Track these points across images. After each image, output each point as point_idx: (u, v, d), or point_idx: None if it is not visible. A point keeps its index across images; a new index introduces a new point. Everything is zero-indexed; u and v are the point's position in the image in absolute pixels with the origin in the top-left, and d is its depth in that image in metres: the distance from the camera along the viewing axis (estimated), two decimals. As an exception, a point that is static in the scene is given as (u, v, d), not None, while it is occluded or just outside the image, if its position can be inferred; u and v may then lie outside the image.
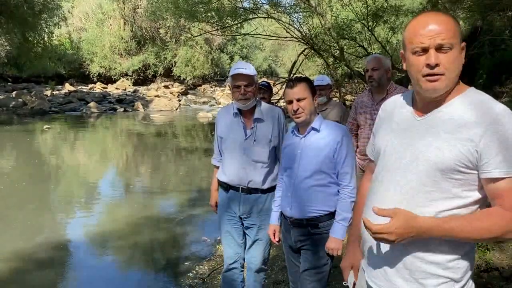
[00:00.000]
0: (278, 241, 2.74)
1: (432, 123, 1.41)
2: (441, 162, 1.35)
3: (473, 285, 1.46)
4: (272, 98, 4.71)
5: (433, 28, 1.34)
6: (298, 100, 2.43)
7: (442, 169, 1.35)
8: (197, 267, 4.67)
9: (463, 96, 1.40)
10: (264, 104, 2.96)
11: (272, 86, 4.71)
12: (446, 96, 1.41)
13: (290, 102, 2.45)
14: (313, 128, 2.47)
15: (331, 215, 2.44)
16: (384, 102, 1.72)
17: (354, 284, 1.79)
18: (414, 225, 1.33)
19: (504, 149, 1.27)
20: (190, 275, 4.48)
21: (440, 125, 1.38)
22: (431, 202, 1.37)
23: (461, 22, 11.94)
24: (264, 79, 9.79)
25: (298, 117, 2.45)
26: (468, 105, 1.36)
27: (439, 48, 1.34)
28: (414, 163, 1.41)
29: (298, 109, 2.42)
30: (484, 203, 1.41)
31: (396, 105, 1.61)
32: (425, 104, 1.46)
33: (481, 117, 1.31)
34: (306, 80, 2.51)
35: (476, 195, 1.37)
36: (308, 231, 2.48)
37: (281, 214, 2.64)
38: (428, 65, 1.34)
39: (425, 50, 1.36)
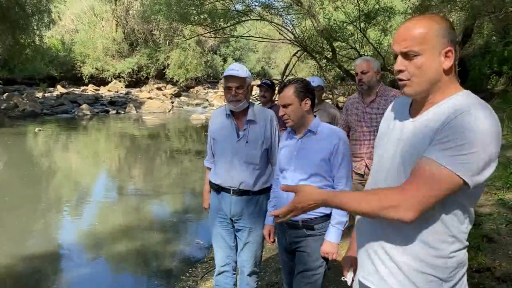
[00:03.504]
0: (273, 242, 2.74)
1: (419, 124, 1.44)
2: None
3: (467, 286, 1.47)
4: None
5: (400, 35, 1.40)
6: (284, 106, 2.44)
7: None
8: (190, 269, 4.66)
9: (449, 100, 1.41)
10: (257, 106, 2.97)
11: (274, 85, 4.66)
12: (436, 98, 1.42)
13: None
14: (309, 130, 2.47)
15: (327, 217, 2.44)
16: (391, 104, 1.74)
17: (353, 280, 1.81)
18: (311, 197, 1.49)
19: (445, 137, 1.29)
20: (183, 277, 4.48)
21: (423, 127, 1.41)
22: None
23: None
24: (258, 81, 9.79)
25: (286, 123, 2.48)
26: (447, 108, 1.37)
27: (405, 54, 1.38)
28: (402, 164, 1.44)
29: (284, 115, 2.45)
30: (469, 203, 1.41)
31: (397, 107, 1.65)
32: (417, 106, 1.49)
33: (448, 116, 1.32)
34: (296, 83, 2.47)
35: (457, 194, 1.35)
36: (303, 233, 2.48)
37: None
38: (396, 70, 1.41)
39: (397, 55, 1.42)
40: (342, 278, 1.86)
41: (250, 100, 2.94)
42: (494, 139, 1.27)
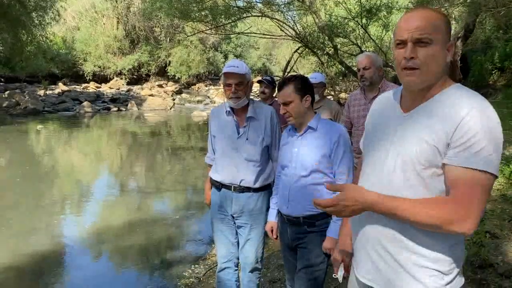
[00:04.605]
0: (276, 238, 2.74)
1: (415, 118, 1.43)
2: (421, 157, 1.37)
3: (463, 279, 1.48)
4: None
5: (412, 22, 1.37)
6: (285, 104, 2.43)
7: (423, 163, 1.37)
8: (193, 266, 4.67)
9: (445, 93, 1.42)
10: (257, 103, 2.96)
11: (275, 82, 4.64)
12: (431, 92, 1.43)
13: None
14: (310, 127, 2.47)
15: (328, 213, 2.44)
16: (377, 98, 1.74)
17: (344, 277, 1.81)
18: (358, 198, 1.41)
19: (470, 140, 1.29)
20: (186, 274, 4.48)
21: (422, 120, 1.41)
22: (416, 195, 1.39)
23: (454, 22, 12.02)
24: (258, 77, 9.75)
25: (288, 121, 2.48)
26: (448, 101, 1.38)
27: (417, 42, 1.36)
28: (398, 159, 1.43)
29: (285, 113, 2.44)
30: None
31: (385, 101, 1.64)
32: (411, 100, 1.48)
33: (458, 111, 1.33)
34: (295, 80, 2.48)
35: None
36: (304, 229, 2.48)
37: (279, 211, 2.65)
38: (404, 58, 1.37)
39: (404, 43, 1.38)
40: (333, 275, 1.86)
41: (251, 97, 2.93)
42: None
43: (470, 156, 1.29)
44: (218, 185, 2.91)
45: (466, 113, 1.30)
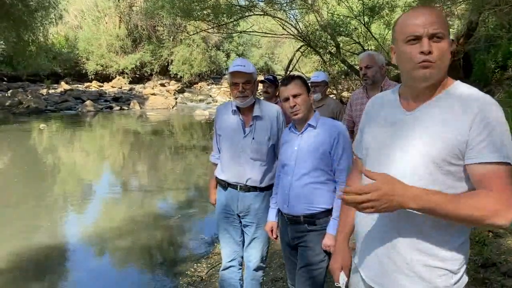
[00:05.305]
0: (275, 238, 2.75)
1: (422, 117, 1.43)
2: (434, 155, 1.36)
3: (467, 278, 1.48)
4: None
5: (426, 18, 1.38)
6: (294, 96, 2.43)
7: (436, 161, 1.36)
8: (195, 265, 4.67)
9: (451, 90, 1.42)
10: (263, 102, 2.96)
11: (277, 80, 4.62)
12: (435, 90, 1.43)
13: (286, 99, 2.45)
14: (309, 125, 2.48)
15: (328, 212, 2.44)
16: (371, 99, 1.73)
17: (347, 284, 1.79)
18: (399, 188, 1.29)
19: (489, 136, 1.30)
20: (189, 273, 4.48)
21: (430, 118, 1.40)
22: None
23: (456, 20, 11.99)
24: (261, 76, 9.72)
25: (296, 114, 2.45)
26: (457, 98, 1.38)
27: (431, 37, 1.37)
28: (407, 157, 1.42)
29: (295, 105, 2.43)
30: None
31: (383, 101, 1.63)
32: (413, 98, 1.47)
33: (469, 108, 1.33)
34: (300, 77, 2.51)
35: (469, 185, 1.39)
36: (305, 228, 2.48)
37: (279, 211, 2.65)
38: (422, 53, 1.37)
39: (418, 39, 1.38)
40: (336, 284, 1.84)
41: (256, 96, 2.93)
42: None
43: (496, 151, 1.30)
44: (224, 184, 2.91)
45: (478, 110, 1.32)
